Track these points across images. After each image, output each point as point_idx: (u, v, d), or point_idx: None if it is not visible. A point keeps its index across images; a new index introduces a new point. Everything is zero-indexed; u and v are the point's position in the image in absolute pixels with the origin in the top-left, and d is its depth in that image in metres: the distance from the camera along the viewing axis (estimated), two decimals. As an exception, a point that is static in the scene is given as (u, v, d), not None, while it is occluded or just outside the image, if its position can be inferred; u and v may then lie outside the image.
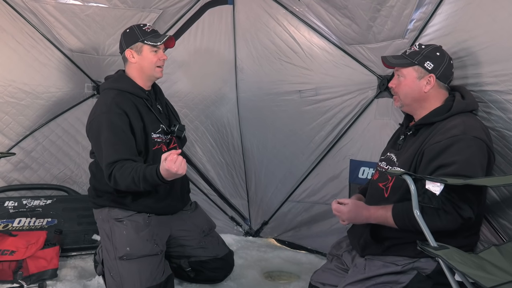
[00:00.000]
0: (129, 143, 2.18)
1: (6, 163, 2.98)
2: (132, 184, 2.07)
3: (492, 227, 1.94)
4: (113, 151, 2.14)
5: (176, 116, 2.58)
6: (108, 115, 2.19)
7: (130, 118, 2.21)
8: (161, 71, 2.36)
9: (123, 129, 2.18)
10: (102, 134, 2.18)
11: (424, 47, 1.89)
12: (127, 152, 2.16)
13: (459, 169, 1.64)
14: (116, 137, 2.16)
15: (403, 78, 1.89)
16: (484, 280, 1.32)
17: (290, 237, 3.23)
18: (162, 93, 2.53)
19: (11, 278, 2.46)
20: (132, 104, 2.26)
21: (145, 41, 2.29)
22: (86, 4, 2.79)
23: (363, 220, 1.86)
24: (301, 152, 3.06)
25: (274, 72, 3.04)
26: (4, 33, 2.78)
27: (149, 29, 2.34)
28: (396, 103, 1.97)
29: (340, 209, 1.89)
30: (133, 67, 2.34)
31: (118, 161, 2.12)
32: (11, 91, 2.87)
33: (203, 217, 2.62)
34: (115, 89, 2.29)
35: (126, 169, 2.08)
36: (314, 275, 2.14)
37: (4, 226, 2.81)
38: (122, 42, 2.35)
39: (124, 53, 2.33)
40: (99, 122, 2.21)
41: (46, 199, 2.95)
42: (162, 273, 2.26)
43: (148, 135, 2.29)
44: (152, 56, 2.30)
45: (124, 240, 2.23)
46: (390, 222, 1.76)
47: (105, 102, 2.25)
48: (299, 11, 2.82)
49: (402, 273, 1.75)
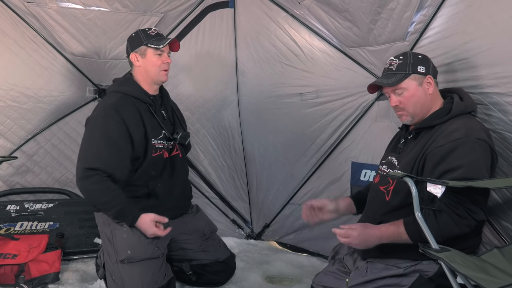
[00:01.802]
0: (117, 156, 2.19)
1: (8, 166, 2.99)
2: (103, 204, 2.18)
3: (494, 229, 1.94)
4: (96, 157, 2.16)
5: (182, 122, 2.58)
6: (105, 120, 2.21)
7: (128, 125, 2.22)
8: (166, 74, 2.36)
9: (116, 140, 2.19)
10: (93, 138, 2.20)
11: (403, 57, 1.89)
12: (110, 165, 2.17)
13: (466, 173, 1.63)
14: (107, 147, 2.18)
15: (405, 91, 1.86)
16: (486, 283, 1.32)
17: (292, 240, 3.23)
18: (168, 98, 2.53)
19: (13, 282, 2.46)
20: (135, 109, 2.27)
21: (148, 44, 2.30)
22: (87, 8, 2.80)
23: (375, 241, 1.76)
24: (302, 154, 3.06)
25: (275, 75, 3.04)
26: (6, 37, 2.79)
27: (154, 32, 2.35)
28: (405, 118, 1.91)
29: (349, 234, 1.80)
30: (138, 70, 2.35)
31: (99, 171, 2.13)
32: (13, 95, 2.88)
33: (204, 220, 2.62)
34: (120, 92, 2.32)
35: (107, 189, 2.14)
36: (315, 278, 2.13)
37: (6, 229, 2.81)
38: (128, 46, 2.37)
39: (129, 57, 2.36)
40: (94, 125, 2.23)
41: (48, 203, 2.95)
42: (163, 276, 2.26)
43: (148, 141, 2.29)
44: (156, 59, 2.31)
45: (125, 243, 2.23)
46: (404, 238, 1.71)
47: (106, 106, 2.27)
48: (300, 14, 2.82)
49: (404, 275, 1.75)
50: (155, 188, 2.33)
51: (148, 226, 2.15)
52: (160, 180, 2.35)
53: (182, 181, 2.50)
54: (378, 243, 1.78)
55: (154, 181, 2.33)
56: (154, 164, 2.30)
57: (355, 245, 1.82)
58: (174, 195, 2.41)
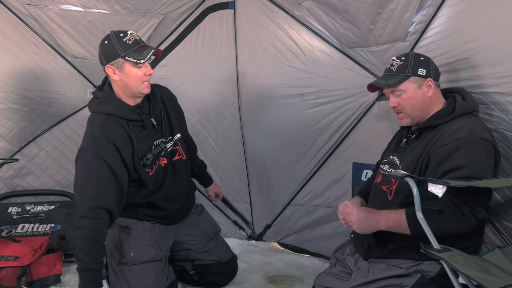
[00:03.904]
0: (111, 191, 2.03)
1: (9, 169, 2.99)
2: (80, 252, 1.96)
3: (495, 229, 1.94)
4: (102, 195, 2.00)
5: (179, 121, 2.47)
6: (96, 151, 2.02)
7: (121, 152, 2.06)
8: (148, 86, 2.10)
9: (114, 172, 2.03)
10: (87, 175, 2.02)
11: (405, 58, 1.89)
12: (106, 202, 2.00)
13: (470, 172, 1.63)
14: (109, 182, 2.02)
15: (404, 93, 1.87)
16: (488, 283, 1.32)
17: (293, 241, 3.23)
18: (157, 100, 2.29)
19: (14, 284, 2.46)
20: (122, 130, 2.10)
21: (126, 57, 2.01)
22: (87, 10, 2.80)
23: (373, 221, 1.77)
24: (303, 155, 3.06)
25: (276, 76, 3.04)
26: (6, 40, 2.80)
27: (131, 40, 2.03)
28: (405, 121, 1.92)
29: (347, 210, 1.84)
30: (117, 84, 2.10)
31: (102, 209, 1.99)
32: (13, 97, 2.88)
33: (208, 221, 2.62)
34: (102, 113, 2.11)
35: (98, 243, 1.99)
36: (317, 278, 2.13)
37: (7, 232, 2.81)
38: (101, 56, 2.06)
39: (104, 68, 2.08)
40: (86, 158, 2.04)
41: (49, 205, 2.95)
42: (166, 279, 2.26)
43: (139, 161, 2.15)
44: (135, 72, 2.04)
45: (128, 245, 2.23)
46: (403, 227, 1.71)
47: (94, 134, 2.06)
48: (300, 15, 2.82)
49: (406, 276, 1.75)
50: (158, 202, 2.30)
51: None
52: (161, 192, 2.29)
53: (185, 184, 2.44)
54: (376, 224, 1.77)
55: (155, 196, 2.28)
56: (154, 180, 2.24)
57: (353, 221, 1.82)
58: (178, 204, 2.39)
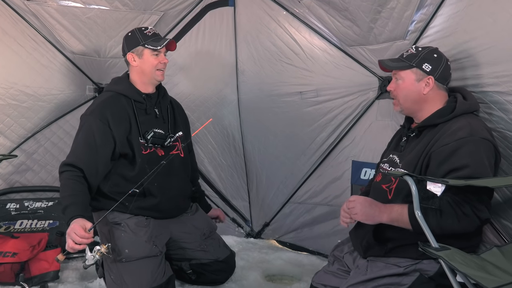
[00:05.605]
0: (94, 154, 2.23)
1: (8, 165, 2.99)
2: (61, 199, 2.18)
3: (494, 228, 1.93)
4: (73, 154, 2.25)
5: (183, 122, 2.56)
6: (90, 118, 2.28)
7: (111, 123, 2.25)
8: (162, 74, 2.39)
9: (95, 139, 2.23)
10: (78, 134, 2.30)
11: (421, 49, 1.89)
12: (85, 161, 2.20)
13: (472, 172, 1.63)
14: (86, 144, 2.24)
15: (401, 81, 1.89)
16: (486, 281, 1.32)
17: (292, 239, 3.23)
18: (166, 97, 2.52)
19: (13, 280, 2.46)
20: (122, 107, 2.31)
21: (145, 45, 2.32)
22: (87, 7, 2.80)
23: (376, 211, 1.77)
24: (302, 153, 3.06)
25: (275, 74, 3.04)
26: (6, 36, 2.79)
27: (150, 32, 2.36)
28: (396, 107, 1.96)
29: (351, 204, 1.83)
30: (135, 70, 2.38)
31: (71, 166, 2.18)
32: (13, 94, 2.88)
33: (203, 219, 2.61)
34: (112, 91, 2.38)
35: (67, 186, 2.15)
36: (315, 276, 2.13)
37: (6, 228, 2.81)
38: (124, 45, 2.39)
39: (126, 57, 2.38)
40: (82, 122, 2.32)
41: (48, 201, 2.95)
42: (163, 274, 2.25)
43: (133, 139, 2.29)
44: (152, 60, 2.34)
45: (122, 242, 2.23)
46: (405, 220, 1.70)
47: (94, 104, 2.36)
48: (300, 12, 2.82)
49: (404, 274, 1.75)
50: (150, 187, 2.31)
51: (72, 235, 1.97)
52: (155, 179, 2.27)
53: (181, 180, 2.48)
54: (379, 214, 1.77)
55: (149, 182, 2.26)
56: (147, 162, 2.30)
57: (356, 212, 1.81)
58: (172, 194, 2.39)
